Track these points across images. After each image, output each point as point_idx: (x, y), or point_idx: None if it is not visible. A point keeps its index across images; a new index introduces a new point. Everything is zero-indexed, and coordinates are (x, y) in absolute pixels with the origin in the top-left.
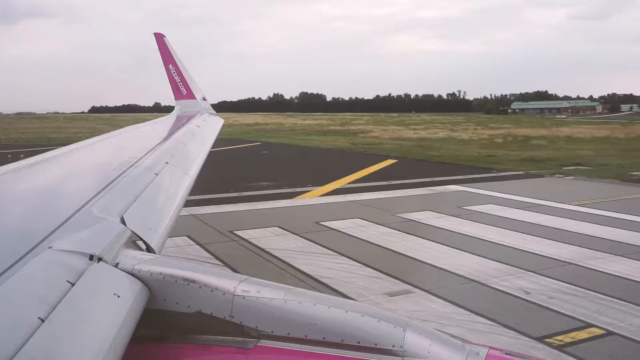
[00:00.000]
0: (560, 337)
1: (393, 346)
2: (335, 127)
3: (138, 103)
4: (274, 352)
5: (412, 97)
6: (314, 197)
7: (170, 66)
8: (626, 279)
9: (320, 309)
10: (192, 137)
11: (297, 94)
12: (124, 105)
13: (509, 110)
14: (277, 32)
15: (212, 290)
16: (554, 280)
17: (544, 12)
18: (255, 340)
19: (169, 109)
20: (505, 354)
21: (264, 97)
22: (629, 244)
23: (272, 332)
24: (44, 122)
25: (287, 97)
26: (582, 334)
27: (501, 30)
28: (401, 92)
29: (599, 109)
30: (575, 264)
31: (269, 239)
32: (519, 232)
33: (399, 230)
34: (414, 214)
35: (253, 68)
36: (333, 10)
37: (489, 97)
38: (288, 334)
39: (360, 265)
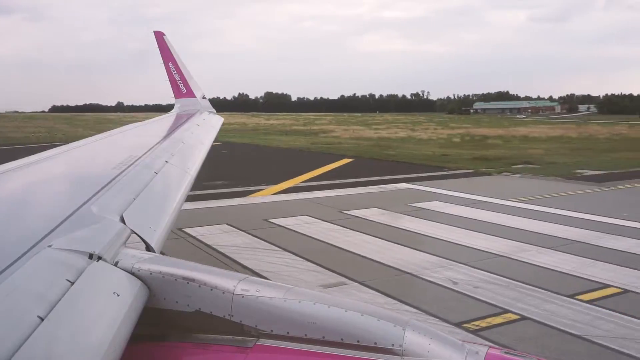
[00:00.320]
0: (477, 323)
1: (392, 345)
2: (298, 127)
3: (100, 102)
4: (273, 351)
5: (376, 97)
6: (266, 195)
7: (170, 64)
8: (549, 269)
9: (320, 308)
10: (191, 136)
11: (263, 94)
12: (85, 105)
13: (471, 111)
14: (244, 32)
15: (211, 289)
16: (482, 271)
17: (506, 14)
18: (255, 339)
19: (132, 109)
20: (505, 353)
21: (228, 97)
22: (559, 237)
23: (271, 331)
24: (3, 121)
25: (252, 96)
26: (498, 319)
27: (464, 32)
28: (366, 92)
29: (558, 109)
30: (506, 256)
31: (216, 235)
32: (459, 227)
33: (344, 227)
34: (361, 211)
35: (219, 67)
36: (301, 10)
37: (452, 97)
38: (288, 333)
39: (302, 259)
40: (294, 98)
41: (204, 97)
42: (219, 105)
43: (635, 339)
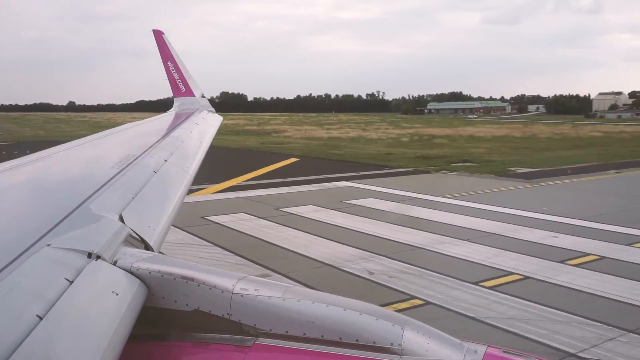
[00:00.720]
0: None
1: (391, 344)
2: (251, 127)
3: (51, 102)
4: (272, 350)
5: (332, 97)
6: (207, 194)
7: (169, 63)
8: (461, 259)
9: (319, 307)
10: (190, 135)
11: (218, 94)
12: (35, 104)
13: (425, 111)
14: (198, 31)
15: (210, 289)
16: (399, 262)
17: (460, 16)
18: (254, 338)
19: (85, 108)
20: (503, 352)
21: None
22: (477, 230)
23: (270, 330)
24: None
25: (207, 96)
26: (404, 305)
27: (419, 33)
28: (322, 93)
29: (509, 109)
30: (424, 248)
31: None
32: (386, 222)
33: (278, 223)
34: (297, 208)
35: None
36: (255, 10)
37: (407, 97)
38: (286, 332)
39: (231, 254)
40: (250, 98)
41: (202, 96)
42: (172, 105)
43: (522, 319)
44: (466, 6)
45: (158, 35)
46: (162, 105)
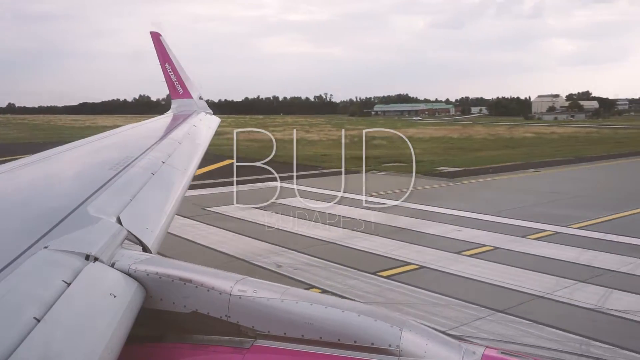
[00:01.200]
0: None
1: (390, 345)
2: None
3: None
4: (270, 351)
5: (280, 99)
6: None
7: (167, 65)
8: (366, 252)
9: (317, 308)
10: (188, 137)
11: (165, 96)
12: None
13: (372, 113)
14: (145, 31)
15: (208, 290)
16: (307, 256)
17: (407, 20)
18: (252, 340)
19: (25, 111)
20: (501, 353)
21: (129, 99)
22: (389, 225)
23: (268, 331)
24: None
25: (154, 98)
26: None
27: (368, 36)
28: (270, 95)
29: (453, 111)
30: (334, 243)
31: None
32: (306, 219)
33: (201, 222)
34: (222, 207)
35: (118, 68)
36: (202, 11)
37: (355, 99)
38: (285, 333)
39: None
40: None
41: (200, 98)
42: (119, 107)
43: (407, 303)
44: (413, 10)
45: (155, 36)
46: (105, 107)
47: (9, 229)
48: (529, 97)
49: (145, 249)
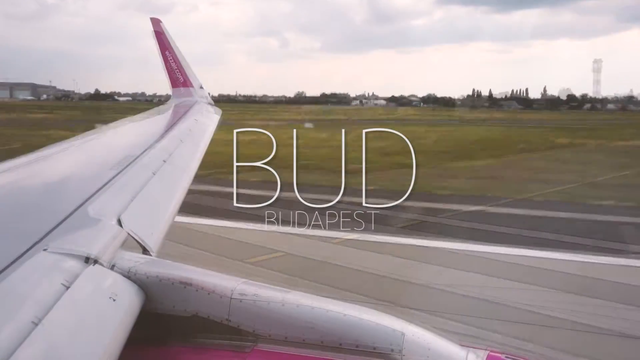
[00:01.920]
0: None
1: (392, 349)
2: None
3: None
4: (271, 355)
5: None
6: None
7: (167, 53)
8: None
9: (319, 312)
10: (189, 132)
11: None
12: None
13: None
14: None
15: (209, 293)
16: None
17: None
18: (253, 344)
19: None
20: (505, 356)
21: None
22: None
23: (269, 335)
24: None
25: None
26: None
27: None
28: None
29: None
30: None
31: None
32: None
33: None
34: None
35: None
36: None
37: None
38: (286, 337)
39: None
40: None
41: (201, 87)
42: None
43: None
44: None
45: (155, 23)
46: None
47: (6, 230)
48: None
49: (145, 250)
